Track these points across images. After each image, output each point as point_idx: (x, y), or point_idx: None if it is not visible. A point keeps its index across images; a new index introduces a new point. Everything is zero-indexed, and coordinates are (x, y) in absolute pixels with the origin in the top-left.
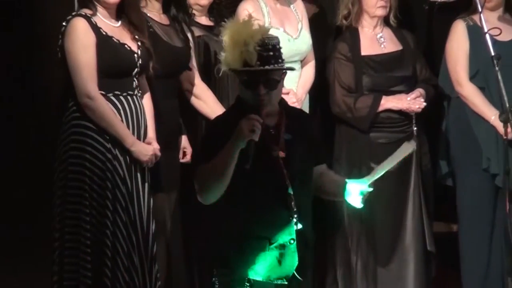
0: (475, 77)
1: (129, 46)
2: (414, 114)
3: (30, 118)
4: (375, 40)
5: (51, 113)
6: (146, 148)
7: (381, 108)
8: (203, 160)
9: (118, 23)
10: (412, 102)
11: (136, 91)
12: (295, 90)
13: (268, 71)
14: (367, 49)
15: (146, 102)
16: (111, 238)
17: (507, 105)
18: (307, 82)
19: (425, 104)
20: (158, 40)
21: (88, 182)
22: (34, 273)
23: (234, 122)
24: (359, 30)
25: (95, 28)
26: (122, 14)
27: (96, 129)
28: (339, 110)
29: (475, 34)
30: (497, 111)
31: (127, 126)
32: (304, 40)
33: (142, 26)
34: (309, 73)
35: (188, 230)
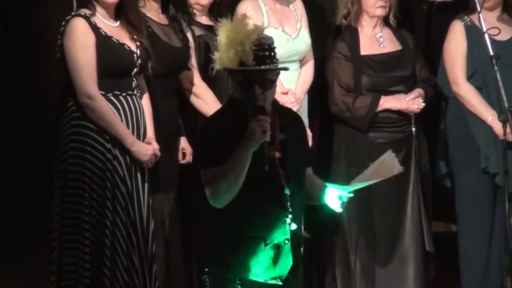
0: (473, 77)
1: (128, 46)
2: (413, 114)
3: (29, 118)
4: (375, 40)
5: (51, 113)
6: (146, 148)
7: (380, 108)
8: (208, 164)
9: (117, 23)
10: (411, 102)
11: (135, 91)
12: (294, 90)
13: (263, 71)
14: (367, 48)
15: (144, 102)
16: (111, 238)
17: (506, 104)
18: (306, 82)
19: (424, 104)
20: (157, 40)
21: (88, 182)
22: (33, 273)
23: (231, 123)
24: (359, 29)
25: (95, 28)
26: (121, 14)
27: (96, 129)
28: (338, 109)
29: (473, 34)
30: (494, 112)
31: (127, 126)
32: (303, 40)
33: (140, 26)
34: (308, 73)
35: (186, 230)
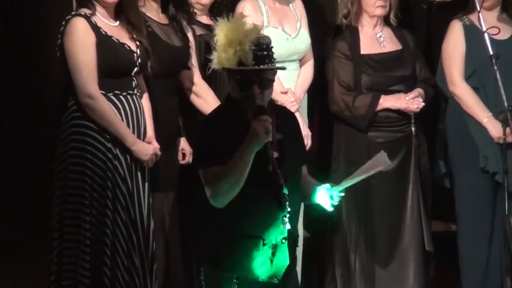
0: (471, 77)
1: (128, 46)
2: (413, 114)
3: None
4: (375, 39)
5: (51, 113)
6: (147, 147)
7: (379, 107)
8: (208, 164)
9: (116, 23)
10: (410, 102)
11: (135, 91)
12: (294, 89)
13: (262, 71)
14: (367, 48)
15: (144, 102)
16: (111, 238)
17: (506, 104)
18: (306, 81)
19: (423, 104)
20: (156, 39)
21: (89, 182)
22: (33, 273)
23: (229, 122)
24: (359, 29)
25: (95, 27)
26: (120, 13)
27: (96, 128)
28: (338, 108)
29: (472, 34)
30: (490, 113)
31: (127, 125)
32: (302, 39)
33: (140, 25)
34: (307, 72)
35: (186, 230)
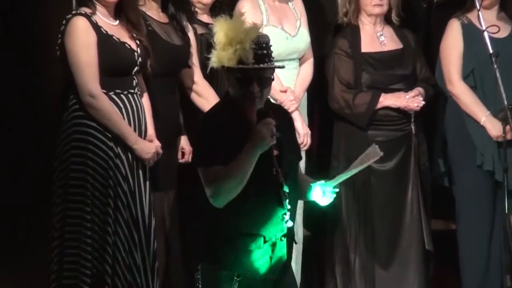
0: (469, 76)
1: (129, 45)
2: (412, 113)
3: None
4: (376, 37)
5: (51, 113)
6: (148, 146)
7: (379, 105)
8: (208, 163)
9: (116, 22)
10: (410, 100)
11: (136, 89)
12: (293, 88)
13: (262, 69)
14: (367, 46)
15: (144, 101)
16: (113, 236)
17: (505, 102)
18: (305, 80)
19: (423, 103)
20: (156, 38)
21: (90, 181)
22: (33, 273)
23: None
24: (360, 27)
25: (96, 27)
26: (120, 13)
27: (98, 127)
28: (338, 106)
29: (470, 33)
30: (488, 112)
31: (129, 124)
32: (302, 38)
33: (139, 24)
34: (307, 71)
35: (186, 229)
